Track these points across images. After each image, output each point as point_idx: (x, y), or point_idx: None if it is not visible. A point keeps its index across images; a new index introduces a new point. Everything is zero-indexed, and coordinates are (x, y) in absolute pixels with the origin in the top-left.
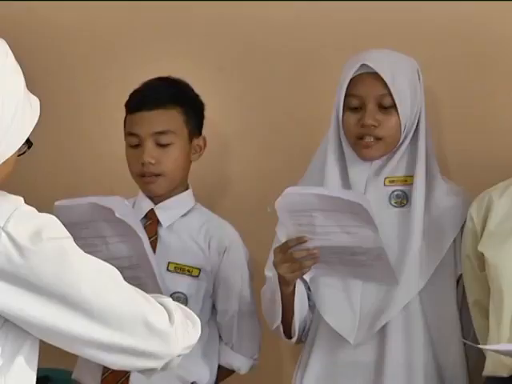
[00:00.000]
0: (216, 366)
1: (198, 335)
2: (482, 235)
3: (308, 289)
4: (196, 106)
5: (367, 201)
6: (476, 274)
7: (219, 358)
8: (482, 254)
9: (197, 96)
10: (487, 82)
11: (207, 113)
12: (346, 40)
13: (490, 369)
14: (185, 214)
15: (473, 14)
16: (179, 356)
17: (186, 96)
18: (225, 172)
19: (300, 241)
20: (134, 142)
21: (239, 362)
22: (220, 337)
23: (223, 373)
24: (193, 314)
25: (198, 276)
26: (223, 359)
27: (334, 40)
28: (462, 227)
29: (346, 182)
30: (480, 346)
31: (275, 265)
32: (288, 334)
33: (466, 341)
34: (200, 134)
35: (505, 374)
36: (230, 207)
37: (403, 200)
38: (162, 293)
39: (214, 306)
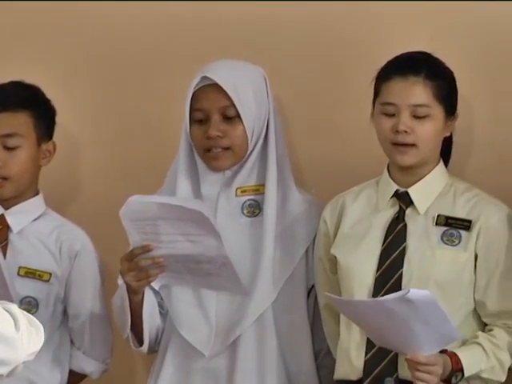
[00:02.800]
0: (67, 371)
1: (42, 342)
2: (334, 238)
3: (161, 298)
4: (47, 111)
5: (208, 209)
6: (328, 276)
7: (71, 363)
8: (335, 257)
9: (48, 101)
10: (336, 86)
11: (59, 117)
12: (200, 45)
13: (341, 372)
14: (35, 219)
15: (321, 16)
16: (23, 363)
17: (37, 100)
18: (76, 176)
19: (145, 249)
20: None
21: (91, 367)
22: (72, 341)
23: (75, 377)
24: (36, 320)
25: (48, 280)
26: (75, 364)
27: (188, 45)
28: (315, 237)
29: (198, 194)
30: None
31: (121, 273)
32: (140, 342)
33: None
34: (50, 138)
35: (354, 378)
36: (80, 212)
37: (256, 209)
38: (12, 301)
39: (65, 311)
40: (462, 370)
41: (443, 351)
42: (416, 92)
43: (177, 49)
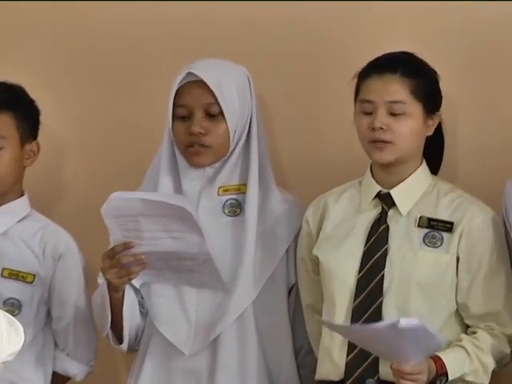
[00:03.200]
0: (50, 373)
1: (21, 342)
2: (317, 239)
3: (141, 296)
4: (30, 112)
5: (191, 205)
6: (310, 277)
7: (54, 365)
8: (317, 258)
9: (32, 101)
10: (319, 87)
11: (44, 117)
12: (183, 44)
13: (322, 373)
14: (20, 220)
15: (304, 16)
16: (3, 363)
17: (20, 101)
18: (60, 177)
19: (127, 246)
20: None
21: (75, 369)
22: (55, 343)
23: (59, 379)
24: (16, 321)
25: (32, 282)
26: (58, 366)
27: (172, 45)
28: (296, 237)
29: (180, 190)
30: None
31: (103, 270)
32: (120, 340)
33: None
34: (34, 139)
35: (336, 379)
36: (65, 213)
37: (237, 209)
38: None
39: (49, 312)
40: (446, 374)
41: None
42: (392, 89)
43: (161, 48)
